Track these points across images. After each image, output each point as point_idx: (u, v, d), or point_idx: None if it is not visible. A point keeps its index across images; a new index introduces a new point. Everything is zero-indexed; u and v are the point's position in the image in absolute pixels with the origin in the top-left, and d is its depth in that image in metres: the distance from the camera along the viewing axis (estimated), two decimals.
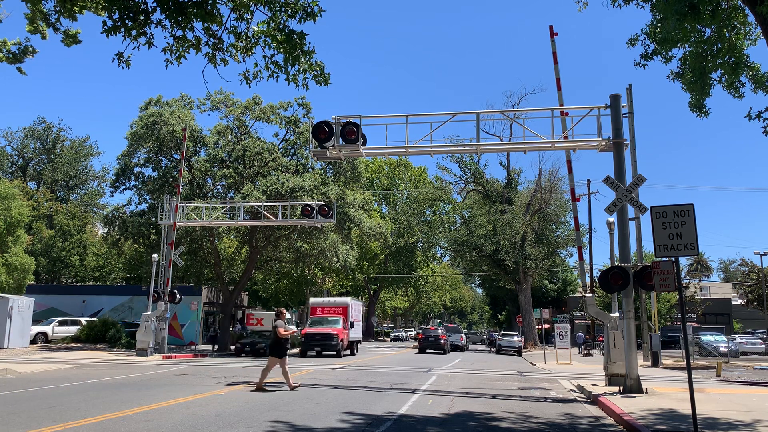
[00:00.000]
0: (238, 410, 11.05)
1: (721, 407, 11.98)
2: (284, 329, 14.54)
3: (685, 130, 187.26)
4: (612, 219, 19.81)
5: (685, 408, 11.13)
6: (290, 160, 34.97)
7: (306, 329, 31.06)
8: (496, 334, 54.99)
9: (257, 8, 9.05)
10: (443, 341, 39.59)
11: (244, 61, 9.30)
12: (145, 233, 33.82)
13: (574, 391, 16.41)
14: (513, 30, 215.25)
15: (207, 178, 35.35)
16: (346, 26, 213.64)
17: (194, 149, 34.53)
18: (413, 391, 15.12)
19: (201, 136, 34.81)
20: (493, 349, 48.71)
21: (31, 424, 9.24)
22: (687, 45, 12.84)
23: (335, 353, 29.75)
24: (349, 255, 36.04)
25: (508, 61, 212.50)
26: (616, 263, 15.93)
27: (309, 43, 8.98)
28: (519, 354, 41.22)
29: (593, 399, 13.88)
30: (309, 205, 27.90)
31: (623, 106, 16.41)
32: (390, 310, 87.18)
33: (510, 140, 28.81)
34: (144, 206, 34.82)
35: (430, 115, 18.28)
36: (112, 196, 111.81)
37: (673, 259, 10.11)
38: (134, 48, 8.79)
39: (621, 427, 10.40)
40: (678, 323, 48.57)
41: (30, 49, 12.18)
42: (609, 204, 15.48)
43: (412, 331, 76.91)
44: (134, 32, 8.58)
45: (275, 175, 32.25)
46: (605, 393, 14.27)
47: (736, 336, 50.23)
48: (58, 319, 38.18)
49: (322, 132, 17.18)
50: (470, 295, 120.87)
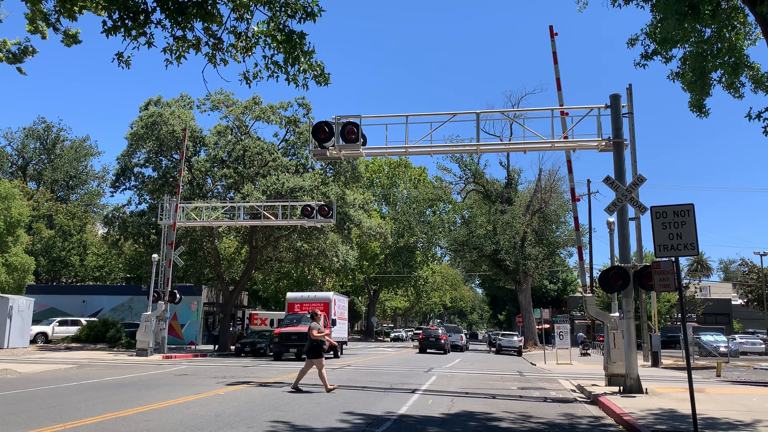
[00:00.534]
0: (238, 410, 11.05)
1: (721, 407, 11.98)
2: (318, 331, 14.67)
3: (685, 130, 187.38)
4: (612, 219, 19.81)
5: (685, 408, 11.14)
6: (290, 160, 34.98)
7: (280, 328, 27.88)
8: (497, 334, 54.98)
9: (257, 8, 9.05)
10: (443, 341, 39.61)
11: (244, 61, 9.30)
12: (145, 233, 33.82)
13: (574, 391, 16.41)
14: (513, 30, 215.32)
15: (207, 178, 35.35)
16: (346, 26, 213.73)
17: (194, 149, 34.53)
18: (413, 391, 15.12)
19: (201, 136, 34.81)
20: (493, 349, 48.78)
21: (31, 424, 9.24)
22: (687, 45, 12.83)
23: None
24: (349, 255, 36.03)
25: (508, 61, 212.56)
26: (616, 263, 15.93)
27: (309, 43, 8.99)
28: (519, 354, 41.22)
29: (593, 399, 13.88)
30: (309, 205, 27.90)
31: (623, 106, 16.41)
32: (390, 310, 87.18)
33: (510, 140, 28.81)
34: (144, 206, 34.83)
35: (430, 115, 18.29)
36: (112, 196, 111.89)
37: (673, 259, 10.11)
38: (134, 48, 8.79)
39: (621, 427, 10.40)
40: (678, 323, 48.58)
41: (30, 49, 12.18)
42: (609, 204, 15.48)
43: (411, 331, 76.72)
44: (134, 32, 8.58)
45: (275, 175, 32.26)
46: (605, 393, 14.27)
47: (736, 336, 50.22)
48: (58, 319, 38.19)
49: (322, 132, 17.18)
50: (470, 295, 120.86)
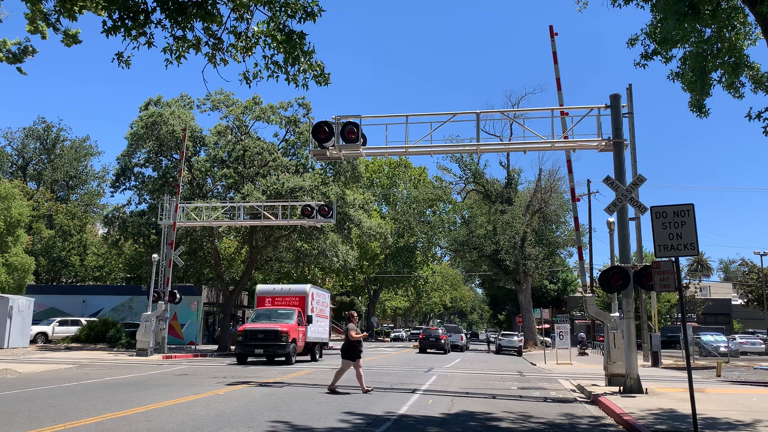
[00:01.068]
0: (238, 410, 11.05)
1: (721, 407, 11.98)
2: (355, 332, 14.65)
3: (685, 130, 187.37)
4: (612, 219, 19.82)
5: (685, 408, 11.14)
6: (290, 160, 34.97)
7: (245, 325, 24.06)
8: (496, 334, 54.97)
9: (257, 8, 9.05)
10: (443, 341, 39.63)
11: (244, 61, 9.31)
12: (145, 233, 33.82)
13: (574, 391, 16.41)
14: (513, 30, 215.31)
15: (207, 178, 35.35)
16: (346, 26, 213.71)
17: (194, 149, 34.53)
18: (413, 391, 15.12)
19: (201, 136, 34.81)
20: (492, 349, 48.79)
21: (31, 424, 9.24)
22: (687, 45, 12.83)
23: (284, 358, 22.96)
24: (349, 255, 36.02)
25: (508, 61, 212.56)
26: (616, 263, 15.93)
27: (309, 43, 8.99)
28: (519, 354, 41.23)
29: (593, 399, 13.88)
30: (309, 205, 27.90)
31: (623, 106, 16.42)
32: (390, 310, 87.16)
33: (510, 140, 28.82)
34: (144, 206, 34.83)
35: (430, 115, 18.29)
36: (112, 196, 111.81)
37: (673, 259, 10.11)
38: (134, 48, 8.79)
39: (621, 427, 10.40)
40: (678, 323, 48.57)
41: (30, 49, 12.19)
42: (609, 204, 15.48)
43: (409, 331, 76.44)
44: (134, 32, 8.58)
45: (275, 175, 32.26)
46: (605, 393, 14.27)
47: (736, 336, 50.24)
48: (58, 319, 38.19)
49: (322, 132, 17.18)
50: (470, 295, 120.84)
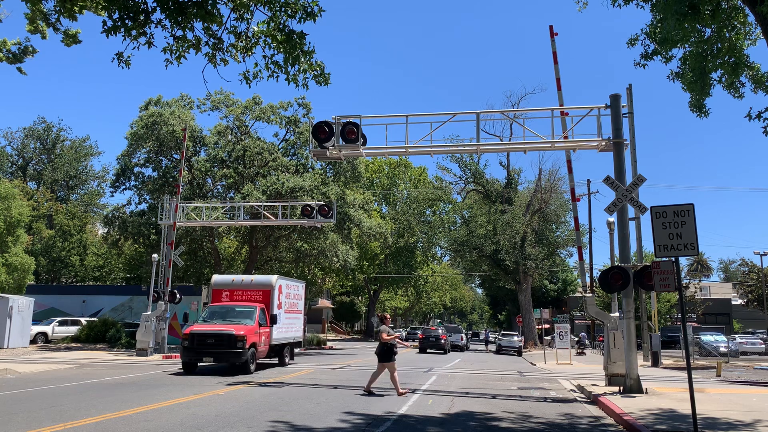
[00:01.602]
0: (238, 410, 11.05)
1: (721, 407, 11.98)
2: (387, 334, 14.58)
3: (685, 130, 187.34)
4: (612, 219, 19.82)
5: (685, 408, 11.14)
6: (290, 160, 34.98)
7: (193, 326, 19.74)
8: (496, 334, 54.95)
9: (257, 8, 9.05)
10: (443, 341, 39.63)
11: (244, 61, 9.31)
12: (145, 233, 33.82)
13: (574, 391, 16.41)
14: (513, 30, 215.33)
15: (207, 178, 35.35)
16: (346, 26, 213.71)
17: (194, 149, 34.54)
18: (413, 391, 15.12)
19: (201, 136, 34.82)
20: (492, 349, 48.79)
21: (31, 424, 9.24)
22: (687, 45, 12.84)
23: (240, 365, 18.64)
24: (349, 255, 36.02)
25: (508, 61, 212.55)
26: (616, 263, 15.93)
27: (309, 43, 9.00)
28: (519, 354, 41.22)
29: (593, 399, 13.89)
30: (309, 205, 27.89)
31: (623, 106, 16.42)
32: (390, 310, 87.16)
33: (510, 140, 28.81)
34: (144, 206, 34.83)
35: (430, 115, 18.28)
36: (112, 196, 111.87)
37: (673, 259, 10.11)
38: (134, 48, 8.79)
39: (621, 427, 10.40)
40: (678, 323, 48.58)
41: (30, 49, 12.20)
42: (609, 204, 15.49)
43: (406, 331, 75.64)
44: (134, 32, 8.58)
45: (275, 175, 32.26)
46: (605, 393, 14.27)
47: (736, 336, 50.24)
48: (58, 319, 38.18)
49: (322, 132, 17.19)
50: (470, 295, 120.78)
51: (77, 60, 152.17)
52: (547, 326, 47.16)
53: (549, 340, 43.01)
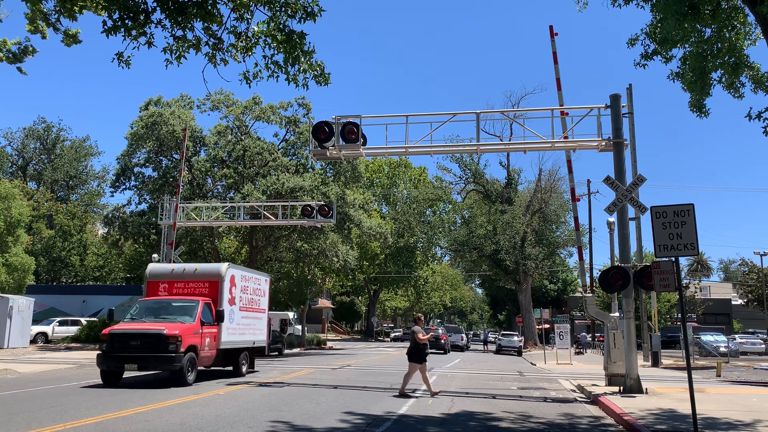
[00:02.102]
0: (238, 410, 11.05)
1: (721, 407, 11.98)
2: (422, 334, 14.51)
3: (685, 130, 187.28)
4: (612, 219, 19.84)
5: (685, 408, 11.13)
6: (290, 160, 34.99)
7: (116, 325, 16.47)
8: (495, 334, 54.92)
9: (257, 8, 9.05)
10: (443, 341, 39.65)
11: (244, 61, 9.31)
12: (145, 233, 33.84)
13: (574, 391, 16.41)
14: (513, 30, 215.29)
15: (207, 178, 35.37)
16: (347, 26, 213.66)
17: (194, 149, 34.55)
18: (413, 391, 15.11)
19: (201, 136, 34.84)
20: (491, 349, 48.77)
21: (32, 424, 9.24)
22: (687, 45, 12.83)
23: (173, 374, 15.07)
24: (349, 255, 36.02)
25: (508, 61, 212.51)
26: (616, 263, 15.94)
27: (309, 43, 8.99)
28: (519, 354, 41.22)
29: (593, 399, 13.89)
30: (309, 205, 27.91)
31: (623, 106, 16.42)
32: (390, 310, 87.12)
33: (510, 140, 28.80)
34: (144, 206, 34.86)
35: (430, 115, 18.29)
36: (112, 196, 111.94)
37: (673, 259, 10.11)
38: (134, 48, 8.79)
39: (621, 427, 10.40)
40: (678, 323, 48.59)
41: (30, 49, 12.20)
42: (609, 204, 15.49)
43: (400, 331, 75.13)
44: (134, 32, 8.58)
45: (275, 175, 32.28)
46: (605, 393, 14.27)
47: (736, 336, 50.24)
48: (58, 319, 38.18)
49: (322, 132, 17.19)
50: (470, 295, 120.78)
51: (77, 60, 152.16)
52: (547, 326, 47.13)
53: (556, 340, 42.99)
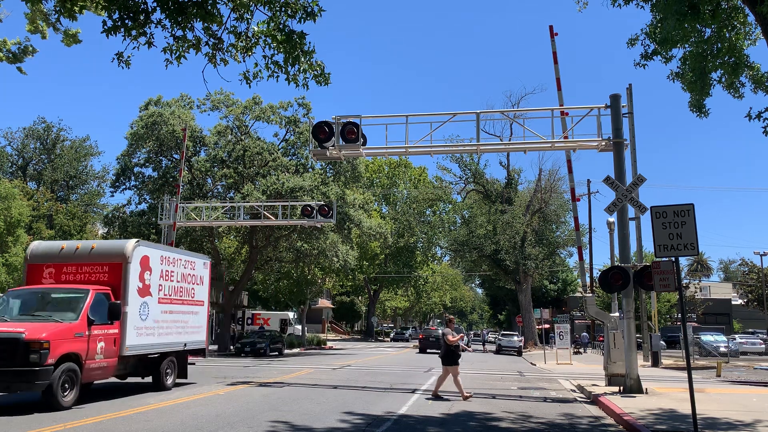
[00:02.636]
0: (238, 410, 11.05)
1: (721, 407, 11.98)
2: (452, 336, 14.36)
3: (686, 130, 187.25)
4: (612, 219, 19.83)
5: (685, 408, 11.13)
6: (290, 160, 34.98)
7: None
8: (495, 334, 54.91)
9: (257, 8, 9.04)
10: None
11: (244, 61, 9.30)
12: (145, 233, 33.79)
13: (574, 391, 16.42)
14: (513, 30, 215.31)
15: (207, 178, 35.35)
16: (347, 26, 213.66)
17: (194, 149, 34.53)
18: (413, 391, 15.12)
19: (201, 136, 34.81)
20: (490, 349, 48.80)
21: (32, 424, 9.24)
22: (687, 45, 12.83)
23: (42, 394, 10.95)
24: (349, 255, 36.01)
25: (508, 61, 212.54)
26: (616, 263, 15.94)
27: (309, 43, 8.98)
28: (519, 354, 41.22)
29: (593, 399, 13.89)
30: (309, 205, 27.90)
31: (623, 106, 16.43)
32: (390, 310, 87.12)
33: (510, 140, 28.80)
34: (144, 206, 34.83)
35: (430, 115, 18.30)
36: (112, 196, 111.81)
37: (673, 259, 10.11)
38: (134, 48, 8.78)
39: (621, 427, 10.40)
40: (678, 323, 48.58)
41: (30, 49, 12.19)
42: (609, 204, 15.50)
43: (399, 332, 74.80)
44: (134, 32, 8.58)
45: (275, 175, 32.26)
46: (605, 393, 14.27)
47: (736, 336, 50.22)
48: None
49: (322, 132, 17.19)
50: (470, 295, 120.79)
51: (77, 60, 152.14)
52: (547, 326, 47.14)
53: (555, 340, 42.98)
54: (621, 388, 14.69)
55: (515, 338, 44.09)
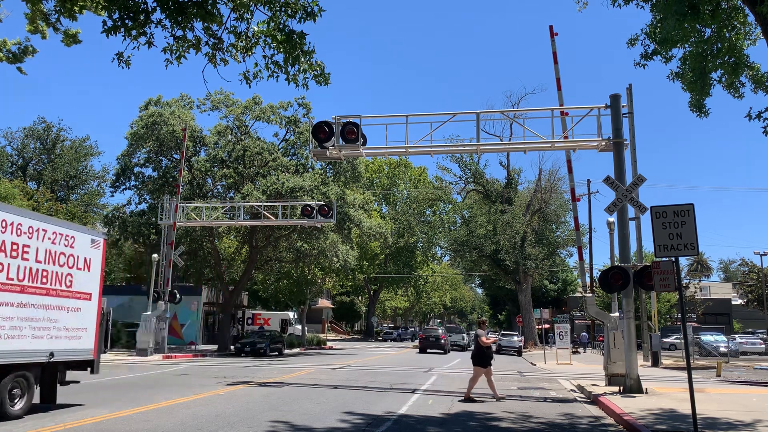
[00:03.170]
0: (238, 410, 11.05)
1: (721, 407, 11.98)
2: (486, 338, 14.29)
3: (686, 130, 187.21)
4: (612, 219, 19.82)
5: (685, 408, 11.13)
6: (290, 160, 34.97)
7: None
8: (495, 334, 54.72)
9: (257, 8, 9.04)
10: (443, 341, 39.76)
11: (244, 61, 9.30)
12: (145, 233, 33.80)
13: (574, 391, 16.42)
14: (513, 30, 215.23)
15: (207, 178, 35.34)
16: (347, 26, 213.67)
17: (194, 149, 34.52)
18: (413, 391, 15.12)
19: (201, 136, 34.81)
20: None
21: (35, 425, 9.24)
22: (687, 45, 12.83)
23: None
24: (349, 255, 36.01)
25: (508, 61, 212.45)
26: (616, 263, 15.93)
27: (309, 43, 8.99)
28: (519, 354, 41.23)
29: (593, 399, 13.89)
30: (309, 205, 27.91)
31: (623, 106, 16.43)
32: (390, 310, 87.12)
33: (510, 140, 28.80)
34: (144, 206, 34.82)
35: (430, 115, 18.31)
36: (112, 196, 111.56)
37: (673, 259, 10.11)
38: (134, 48, 8.79)
39: (621, 427, 10.40)
40: (678, 323, 48.57)
41: (30, 49, 12.20)
42: (609, 204, 15.50)
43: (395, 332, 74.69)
44: (134, 32, 8.58)
45: (275, 175, 32.25)
46: (605, 393, 14.27)
47: (736, 336, 50.23)
48: None
49: (322, 132, 17.19)
50: (470, 295, 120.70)
51: (77, 60, 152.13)
52: (547, 326, 47.14)
53: (555, 340, 43.00)
54: (621, 388, 14.69)
55: (515, 338, 44.09)
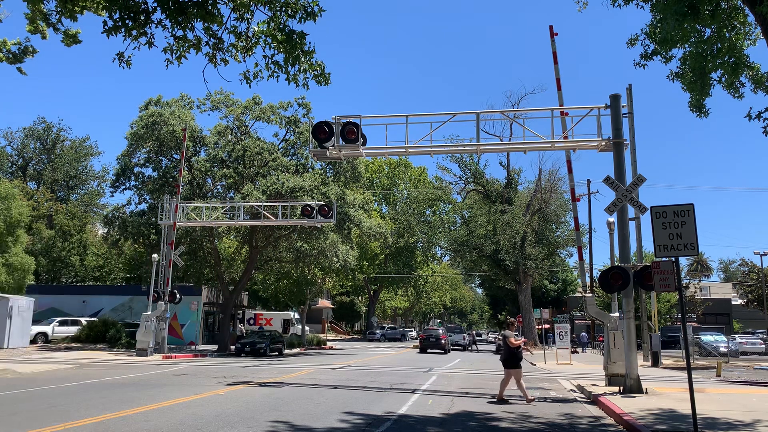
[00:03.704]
0: (238, 410, 11.05)
1: (721, 407, 11.98)
2: (515, 339, 14.06)
3: (685, 130, 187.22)
4: (612, 219, 19.81)
5: (685, 408, 11.14)
6: (290, 160, 34.97)
7: None
8: (495, 334, 54.88)
9: (257, 8, 9.05)
10: (444, 341, 39.77)
11: (245, 61, 9.30)
12: (145, 233, 33.80)
13: (574, 391, 16.42)
14: (513, 30, 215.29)
15: (207, 178, 35.34)
16: (347, 26, 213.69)
17: (194, 149, 34.52)
18: (413, 391, 15.12)
19: (201, 136, 34.80)
20: (482, 348, 48.91)
21: (32, 424, 9.24)
22: (687, 45, 12.84)
23: None
24: (349, 255, 36.00)
25: (508, 61, 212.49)
26: (616, 263, 15.93)
27: (309, 43, 8.99)
28: None
29: (593, 399, 13.89)
30: (309, 205, 27.90)
31: (623, 106, 16.43)
32: (390, 310, 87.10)
33: (510, 140, 28.77)
34: (144, 206, 34.82)
35: (430, 115, 18.30)
36: (112, 196, 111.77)
37: (673, 259, 10.11)
38: (135, 48, 8.79)
39: (621, 427, 10.40)
40: (678, 323, 48.56)
41: (30, 49, 12.18)
42: (609, 204, 15.50)
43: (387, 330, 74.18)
44: (134, 32, 8.58)
45: (275, 175, 32.25)
46: (605, 393, 14.28)
47: (736, 336, 50.21)
48: (58, 319, 38.17)
49: (322, 132, 17.19)
50: (470, 295, 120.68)
51: (77, 60, 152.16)
52: (547, 326, 47.14)
53: (555, 340, 42.99)
54: (621, 388, 14.69)
55: None
